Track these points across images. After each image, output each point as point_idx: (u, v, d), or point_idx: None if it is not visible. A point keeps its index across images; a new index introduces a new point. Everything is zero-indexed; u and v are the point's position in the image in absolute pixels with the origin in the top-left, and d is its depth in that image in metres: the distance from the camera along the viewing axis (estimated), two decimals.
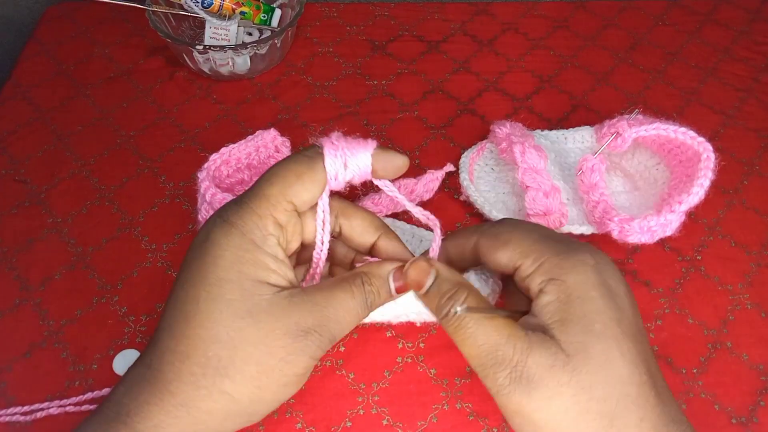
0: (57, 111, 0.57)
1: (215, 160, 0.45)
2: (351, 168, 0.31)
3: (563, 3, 0.70)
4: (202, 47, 0.55)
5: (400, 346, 0.42)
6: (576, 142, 0.52)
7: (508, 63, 0.63)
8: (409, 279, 0.33)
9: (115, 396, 0.29)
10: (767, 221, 0.50)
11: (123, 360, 0.41)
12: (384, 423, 0.39)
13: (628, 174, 0.51)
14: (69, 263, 0.46)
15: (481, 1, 0.70)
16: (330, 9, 0.68)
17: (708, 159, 0.44)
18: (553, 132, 0.52)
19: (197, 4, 0.59)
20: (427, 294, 0.32)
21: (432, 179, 0.50)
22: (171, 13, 0.59)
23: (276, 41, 0.58)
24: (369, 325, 0.43)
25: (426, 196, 0.50)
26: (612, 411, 0.28)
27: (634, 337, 0.29)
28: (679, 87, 0.61)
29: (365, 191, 0.47)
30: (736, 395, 0.41)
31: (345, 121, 0.57)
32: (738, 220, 0.50)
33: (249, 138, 0.47)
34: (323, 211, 0.32)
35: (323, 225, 0.33)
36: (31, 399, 0.39)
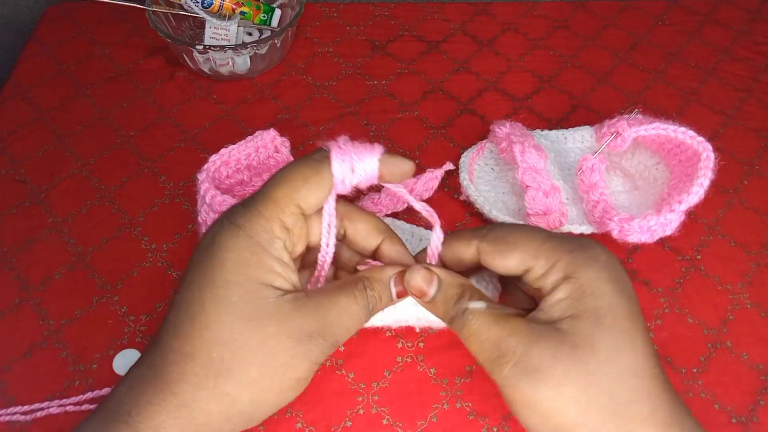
0: (57, 111, 0.57)
1: (215, 161, 0.45)
2: (358, 172, 0.31)
3: (563, 3, 0.70)
4: (202, 47, 0.55)
5: (399, 345, 0.42)
6: (576, 141, 0.52)
7: (508, 63, 0.63)
8: (412, 288, 0.33)
9: (116, 395, 0.29)
10: (767, 221, 0.50)
11: (123, 360, 0.41)
12: (384, 422, 0.39)
13: (627, 174, 0.51)
14: (69, 263, 0.46)
15: (481, 1, 0.70)
16: (330, 9, 0.68)
17: (708, 159, 0.44)
18: (553, 132, 0.52)
19: (197, 4, 0.59)
20: (433, 301, 0.32)
21: (431, 178, 0.50)
22: (171, 13, 0.59)
23: (276, 41, 0.58)
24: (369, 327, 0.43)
25: (425, 195, 0.50)
26: (624, 403, 0.28)
27: (644, 332, 0.30)
28: (679, 87, 0.61)
29: (365, 192, 0.47)
30: (736, 395, 0.41)
31: (345, 121, 0.57)
32: (738, 219, 0.50)
33: (248, 138, 0.47)
34: (329, 215, 0.32)
35: (329, 228, 0.33)
36: (31, 399, 0.39)
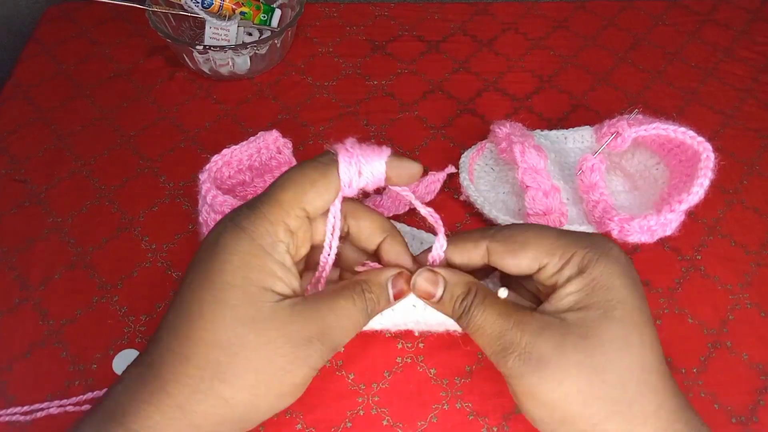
0: (57, 111, 0.57)
1: (216, 161, 0.45)
2: (365, 175, 0.31)
3: (563, 3, 0.70)
4: (202, 47, 0.55)
5: (399, 346, 0.42)
6: (576, 141, 0.52)
7: (508, 63, 0.63)
8: (418, 292, 0.33)
9: (113, 394, 0.29)
10: (767, 221, 0.50)
11: (123, 360, 0.41)
12: (384, 423, 0.39)
13: (627, 174, 0.51)
14: (69, 263, 0.46)
15: (481, 1, 0.70)
16: (330, 9, 0.68)
17: (708, 159, 0.44)
18: (553, 132, 0.52)
19: (197, 4, 0.59)
20: (440, 301, 0.32)
21: (433, 180, 0.50)
22: (171, 13, 0.59)
23: (276, 41, 0.58)
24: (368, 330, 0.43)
25: (427, 197, 0.50)
26: (630, 397, 0.28)
27: (653, 327, 0.30)
28: (679, 87, 0.61)
29: (367, 193, 0.47)
30: (735, 394, 0.41)
31: (345, 121, 0.56)
32: (738, 219, 0.50)
33: (251, 139, 0.47)
34: (334, 217, 0.32)
35: (333, 230, 0.32)
36: (31, 399, 0.39)
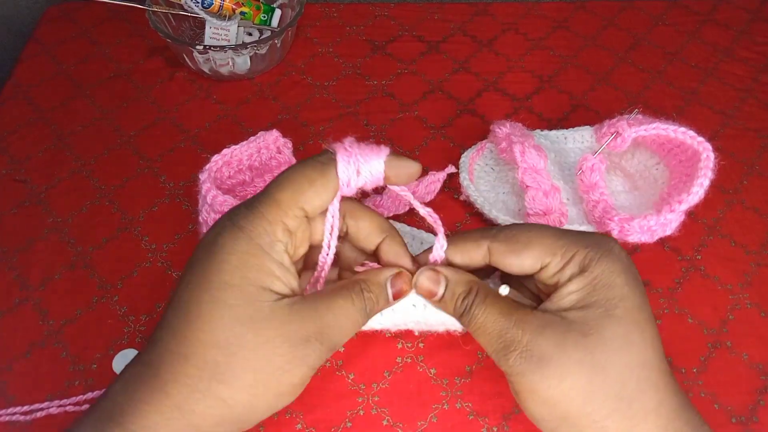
0: (57, 111, 0.57)
1: (217, 161, 0.45)
2: (364, 174, 0.31)
3: (563, 3, 0.70)
4: (202, 47, 0.55)
5: (399, 346, 0.42)
6: (576, 141, 0.52)
7: (507, 63, 0.63)
8: (420, 290, 0.33)
9: (111, 394, 0.29)
10: (767, 221, 0.50)
11: (123, 360, 0.41)
12: (384, 423, 0.39)
13: (627, 174, 0.51)
14: (69, 263, 0.46)
15: (481, 2, 0.70)
16: (330, 9, 0.68)
17: (708, 159, 0.44)
18: (553, 132, 0.52)
19: (197, 4, 0.59)
20: (442, 300, 0.33)
21: (433, 181, 0.50)
22: (171, 13, 0.59)
23: (276, 41, 0.58)
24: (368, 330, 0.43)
25: (427, 197, 0.50)
26: (630, 394, 0.28)
27: (654, 325, 0.30)
28: (679, 87, 0.61)
29: (366, 193, 0.47)
30: (735, 394, 0.41)
31: (345, 121, 0.56)
32: (738, 219, 0.50)
33: (251, 139, 0.47)
34: (333, 216, 0.32)
35: (331, 230, 0.32)
36: (31, 399, 0.39)
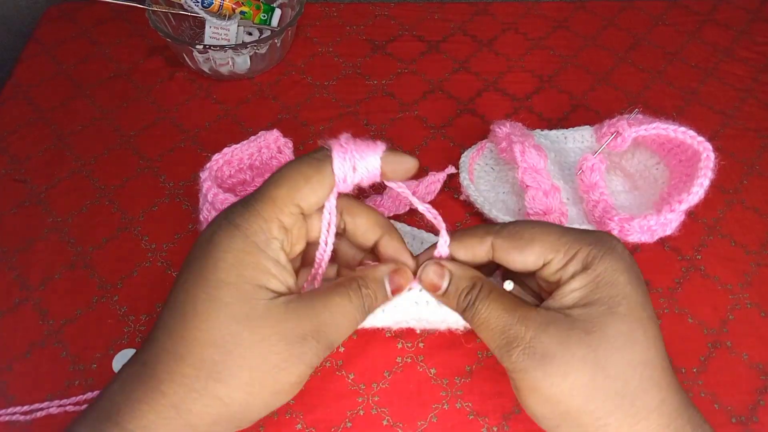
0: (57, 111, 0.57)
1: (217, 160, 0.45)
2: (360, 171, 0.31)
3: (563, 3, 0.70)
4: (202, 47, 0.55)
5: (399, 346, 0.42)
6: (576, 141, 0.52)
7: (508, 63, 0.63)
8: (424, 283, 0.33)
9: (108, 394, 0.29)
10: (767, 221, 0.50)
11: (123, 359, 0.41)
12: (384, 423, 0.39)
13: (627, 173, 0.51)
14: (69, 263, 0.46)
15: (481, 1, 0.70)
16: (330, 9, 0.68)
17: (708, 158, 0.44)
18: (553, 132, 0.52)
19: (197, 3, 0.59)
20: (446, 294, 0.33)
21: (433, 181, 0.50)
22: (171, 13, 0.59)
23: (276, 41, 0.58)
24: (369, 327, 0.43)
25: (428, 197, 0.50)
26: (633, 392, 0.28)
27: (656, 323, 0.30)
28: (679, 87, 0.61)
29: (366, 193, 0.47)
30: (735, 394, 0.41)
31: (345, 121, 0.57)
32: (738, 219, 0.50)
33: (252, 138, 0.47)
34: (329, 213, 0.32)
35: (328, 227, 0.32)
36: (31, 399, 0.39)
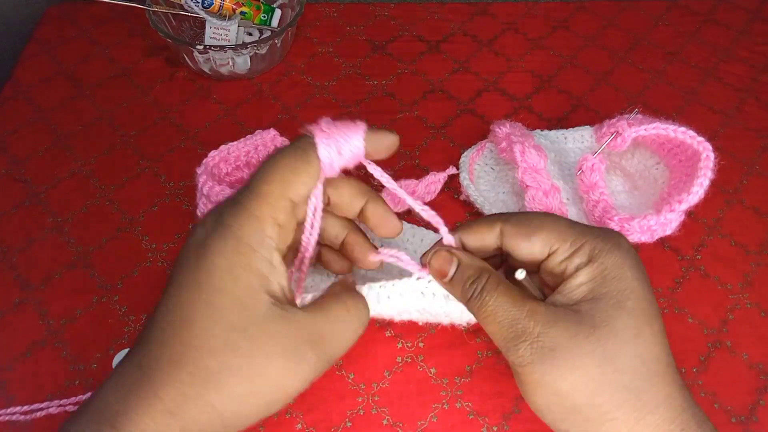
0: (57, 111, 0.57)
1: (214, 156, 0.46)
2: (345, 154, 0.31)
3: (563, 3, 0.70)
4: (202, 47, 0.55)
5: (399, 346, 0.42)
6: (576, 141, 0.52)
7: (508, 63, 0.63)
8: (432, 269, 0.33)
9: (103, 395, 0.28)
10: (767, 221, 0.50)
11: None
12: (384, 423, 0.39)
13: (627, 173, 0.51)
14: (69, 263, 0.46)
15: (481, 1, 0.70)
16: (330, 9, 0.68)
17: (708, 158, 0.44)
18: (553, 132, 0.52)
19: (197, 4, 0.59)
20: (451, 281, 0.33)
21: (434, 181, 0.50)
22: (171, 13, 0.59)
23: (276, 41, 0.58)
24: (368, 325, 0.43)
25: (427, 198, 0.50)
26: (640, 386, 0.28)
27: (661, 319, 0.30)
28: (679, 87, 0.61)
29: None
30: (735, 394, 0.41)
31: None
32: (737, 219, 0.50)
33: (249, 137, 0.47)
34: (315, 198, 0.32)
35: (314, 212, 0.32)
36: (31, 398, 0.39)
